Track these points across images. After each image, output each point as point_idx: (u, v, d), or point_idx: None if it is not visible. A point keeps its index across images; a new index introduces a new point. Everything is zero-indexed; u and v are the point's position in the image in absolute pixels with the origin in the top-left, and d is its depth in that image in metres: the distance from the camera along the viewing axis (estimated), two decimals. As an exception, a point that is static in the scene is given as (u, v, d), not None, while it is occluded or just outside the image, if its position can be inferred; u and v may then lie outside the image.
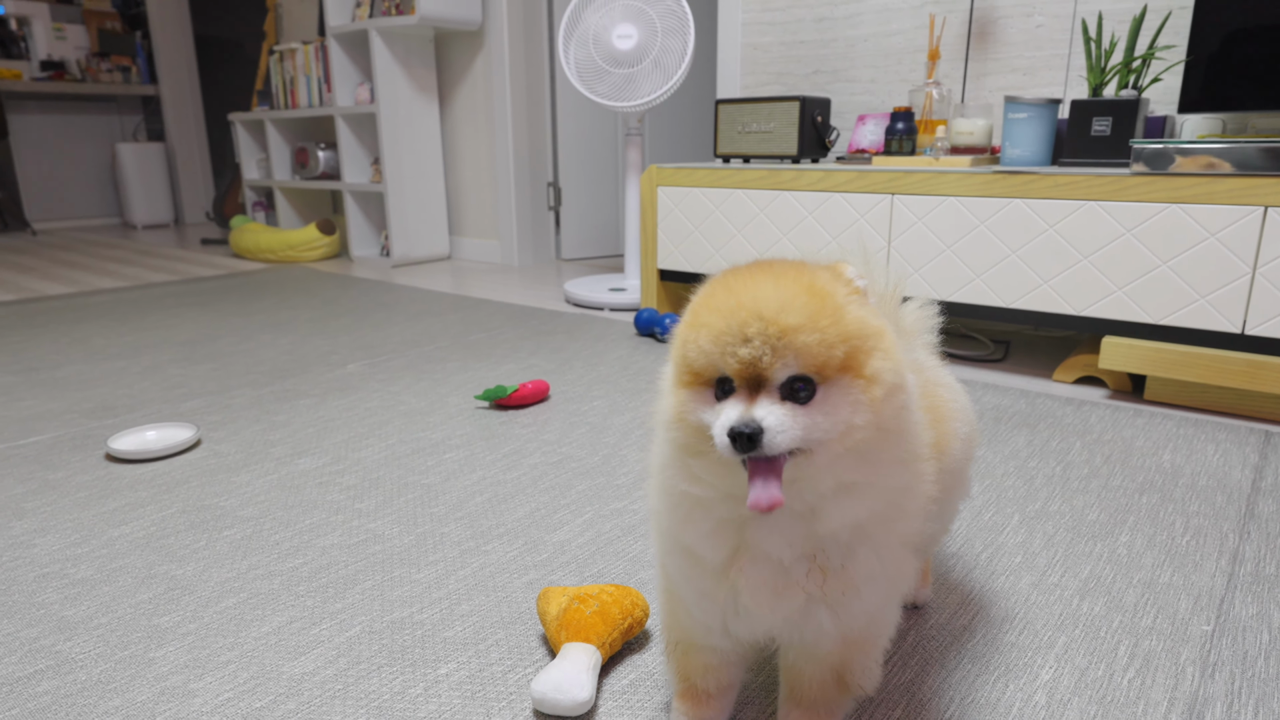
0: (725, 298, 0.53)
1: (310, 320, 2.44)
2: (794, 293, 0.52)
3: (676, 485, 0.59)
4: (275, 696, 0.78)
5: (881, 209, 1.87)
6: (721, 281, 0.56)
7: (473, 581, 0.98)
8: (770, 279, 0.53)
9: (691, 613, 0.64)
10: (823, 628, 0.60)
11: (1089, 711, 0.74)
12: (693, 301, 0.56)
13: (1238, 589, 0.94)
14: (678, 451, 0.57)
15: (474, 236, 3.65)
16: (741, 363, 0.51)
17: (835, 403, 0.52)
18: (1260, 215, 1.42)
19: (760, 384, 0.51)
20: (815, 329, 0.51)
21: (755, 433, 0.49)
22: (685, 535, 0.60)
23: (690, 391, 0.55)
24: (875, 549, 0.59)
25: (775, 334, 0.51)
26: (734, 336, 0.51)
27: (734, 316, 0.52)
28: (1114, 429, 1.45)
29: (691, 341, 0.53)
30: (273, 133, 3.93)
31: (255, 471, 1.31)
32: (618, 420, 1.54)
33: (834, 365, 0.52)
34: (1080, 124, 1.72)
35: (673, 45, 2.35)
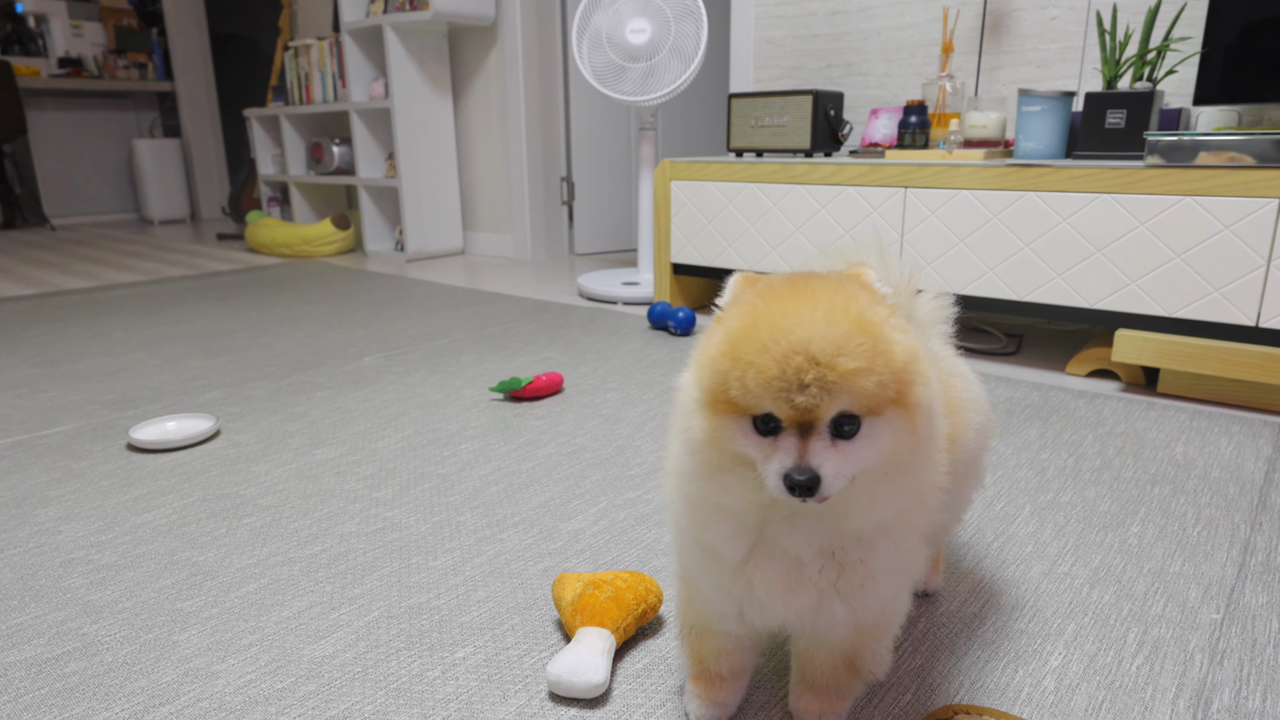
0: (773, 337, 0.51)
1: (326, 314, 2.46)
2: (847, 331, 0.51)
3: (702, 495, 0.58)
4: (296, 678, 0.79)
5: (895, 203, 1.87)
6: (764, 312, 0.53)
7: (489, 568, 1.00)
8: (819, 313, 0.51)
9: (708, 601, 0.66)
10: (835, 618, 0.61)
11: (1097, 697, 0.75)
12: (728, 328, 0.54)
13: (1248, 578, 0.94)
14: (706, 468, 0.56)
15: (487, 231, 3.67)
16: (796, 409, 0.50)
17: (880, 434, 0.52)
18: (1275, 208, 1.41)
19: (810, 424, 0.51)
20: (873, 371, 0.50)
21: (813, 482, 0.50)
22: (705, 536, 0.60)
23: (726, 419, 0.53)
24: (895, 542, 0.60)
25: (833, 380, 0.50)
26: (789, 383, 0.50)
27: (787, 362, 0.50)
28: (1126, 421, 1.45)
29: (736, 380, 0.52)
30: (288, 128, 3.96)
31: (274, 461, 1.34)
32: (631, 412, 1.55)
33: (886, 401, 0.52)
34: (1094, 117, 1.71)
35: (687, 30, 2.35)
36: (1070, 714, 0.73)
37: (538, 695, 0.77)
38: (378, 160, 3.67)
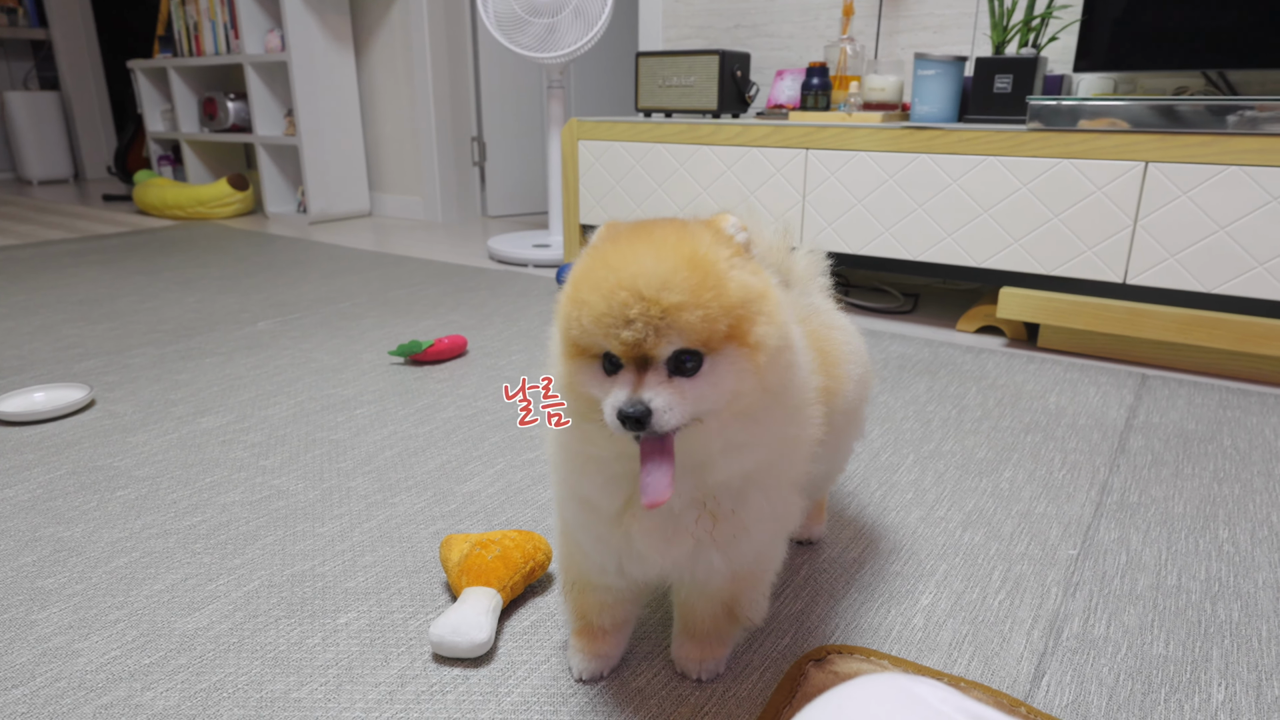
0: (604, 274, 0.52)
1: (220, 278, 2.35)
2: (674, 267, 0.51)
3: (573, 445, 0.59)
4: (166, 652, 0.77)
5: (797, 164, 1.89)
6: (600, 253, 0.54)
7: (378, 533, 0.98)
8: (650, 251, 0.52)
9: (588, 555, 0.66)
10: (713, 567, 0.63)
11: (961, 631, 0.80)
12: (574, 271, 0.55)
13: (1103, 516, 1.01)
14: (573, 417, 0.57)
15: (396, 193, 3.55)
16: (625, 344, 0.51)
17: (722, 373, 0.52)
18: (1141, 170, 1.49)
19: (647, 361, 0.51)
20: (698, 305, 0.50)
21: (643, 414, 0.50)
22: (581, 487, 0.61)
23: (577, 363, 0.54)
24: (764, 492, 0.61)
25: (657, 314, 0.50)
26: (615, 319, 0.50)
27: (614, 297, 0.50)
28: (1008, 374, 1.52)
29: (574, 319, 0.52)
30: (177, 82, 3.73)
31: (153, 431, 1.28)
32: (536, 374, 1.54)
33: (719, 338, 0.51)
34: (984, 81, 1.77)
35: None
36: (936, 648, 0.77)
37: (421, 657, 0.76)
38: (276, 117, 3.49)
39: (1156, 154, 1.48)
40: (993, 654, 0.76)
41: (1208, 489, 1.08)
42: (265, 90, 3.43)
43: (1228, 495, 1.06)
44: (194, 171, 3.87)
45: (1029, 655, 0.76)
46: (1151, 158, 1.48)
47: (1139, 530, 0.98)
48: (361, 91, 3.48)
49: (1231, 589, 0.86)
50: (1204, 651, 0.76)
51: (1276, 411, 1.33)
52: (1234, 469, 1.13)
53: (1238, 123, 1.41)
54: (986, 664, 0.75)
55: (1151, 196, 1.49)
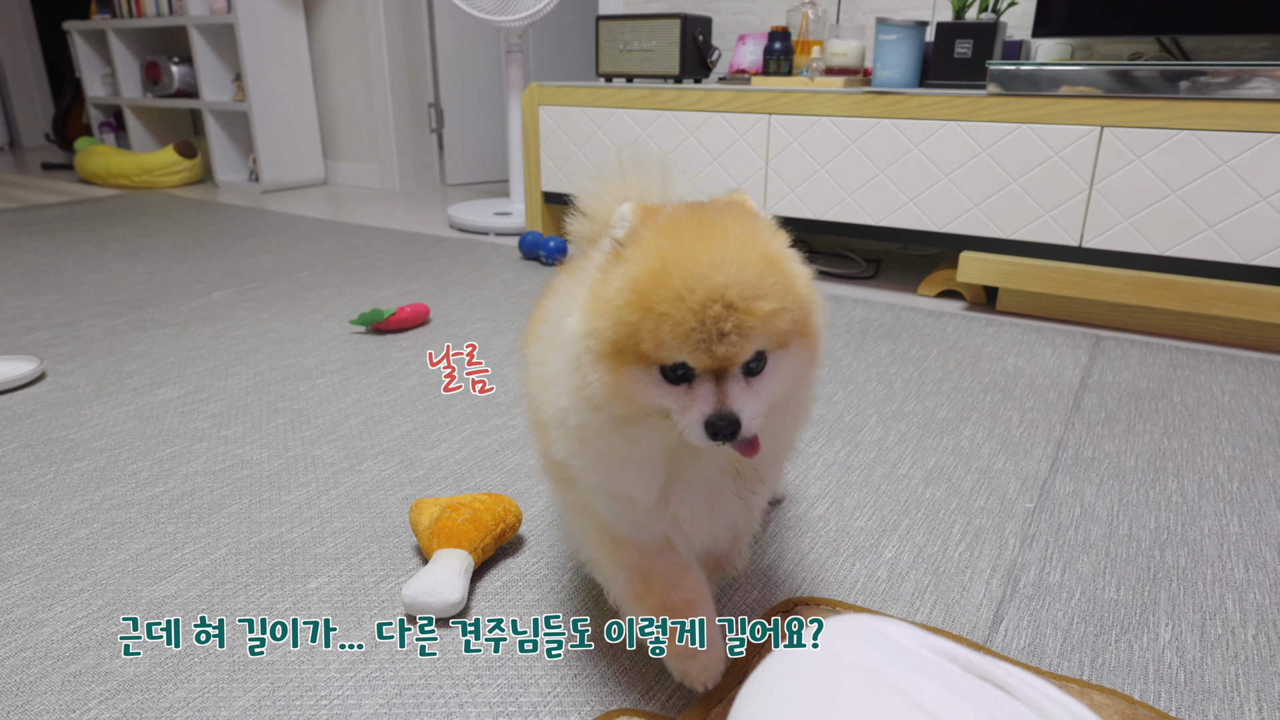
0: (687, 285, 0.48)
1: (171, 248, 2.29)
2: (759, 271, 0.49)
3: (607, 450, 0.55)
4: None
5: (759, 129, 1.89)
6: (672, 256, 0.49)
7: (346, 500, 0.97)
8: (730, 253, 0.48)
9: (630, 535, 0.63)
10: (750, 516, 0.64)
11: (923, 582, 0.82)
12: (632, 274, 0.49)
13: (1059, 471, 1.04)
14: (611, 423, 0.53)
15: (351, 161, 3.47)
16: (716, 359, 0.48)
17: (785, 366, 0.52)
18: (1097, 135, 1.52)
19: (724, 370, 0.49)
20: (786, 310, 0.49)
21: (735, 426, 0.49)
22: (618, 485, 0.58)
23: (634, 370, 0.50)
24: (781, 450, 0.62)
25: (752, 325, 0.48)
26: (708, 334, 0.48)
27: (705, 311, 0.47)
28: (968, 337, 1.55)
29: (648, 333, 0.48)
30: (117, 44, 3.58)
31: (109, 403, 1.24)
32: (500, 341, 1.53)
33: (793, 336, 0.51)
34: (944, 46, 1.78)
35: (551, -44, 2.26)
36: (899, 598, 0.79)
37: (394, 618, 0.76)
38: (224, 82, 3.38)
39: (1112, 119, 1.50)
40: (953, 602, 0.79)
41: (1158, 444, 1.12)
42: (212, 54, 3.31)
43: (1177, 449, 1.10)
44: (138, 139, 3.74)
45: (988, 602, 0.79)
46: (1107, 122, 1.51)
47: (1093, 483, 1.01)
48: (313, 56, 3.38)
49: (1179, 537, 0.90)
50: (1152, 595, 0.80)
51: (1224, 370, 1.38)
52: (1183, 424, 1.18)
53: (1190, 88, 1.44)
54: (948, 612, 0.77)
55: (1107, 161, 1.53)
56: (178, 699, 0.67)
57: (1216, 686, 0.68)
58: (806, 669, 0.40)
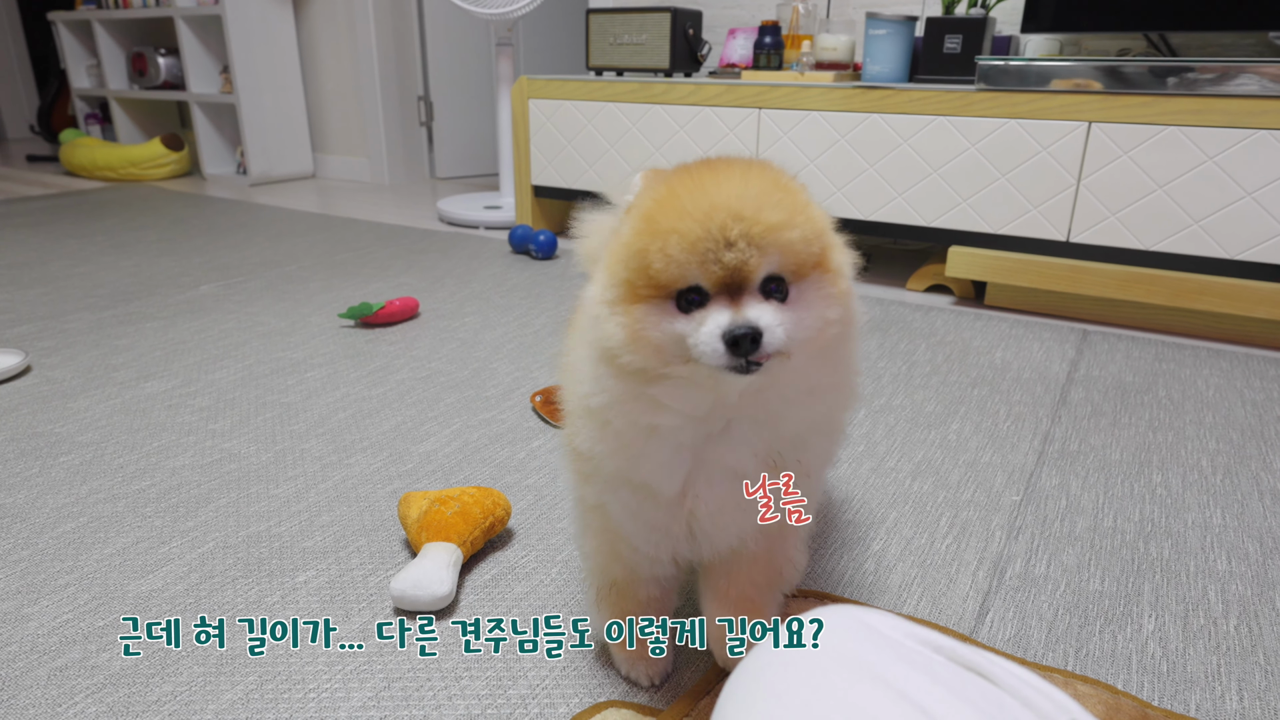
0: (693, 199, 0.48)
1: (158, 241, 2.27)
2: (767, 188, 0.48)
3: (632, 419, 0.53)
4: (120, 614, 0.75)
5: (749, 123, 1.89)
6: (678, 181, 0.50)
7: (334, 494, 0.97)
8: (736, 175, 0.49)
9: (638, 549, 0.61)
10: (779, 525, 0.59)
11: (910, 574, 0.82)
12: (641, 208, 0.50)
13: (1045, 464, 1.05)
14: (630, 381, 0.51)
15: (340, 153, 3.45)
16: (726, 268, 0.47)
17: (810, 299, 0.50)
18: (1085, 130, 1.53)
19: (739, 288, 0.48)
20: (795, 225, 0.48)
21: (756, 333, 0.46)
22: (640, 471, 0.55)
23: (647, 306, 0.49)
24: (826, 436, 0.59)
25: (759, 233, 0.47)
26: (715, 241, 0.47)
27: (711, 219, 0.47)
28: (956, 331, 1.56)
29: (656, 251, 0.48)
30: (103, 35, 3.54)
31: (95, 397, 1.24)
32: (489, 335, 1.53)
33: (810, 262, 0.49)
34: (934, 41, 1.78)
35: (541, -52, 2.25)
36: (886, 590, 0.80)
37: (383, 611, 0.76)
38: (211, 74, 3.35)
39: (1099, 114, 1.51)
40: (940, 594, 0.79)
41: (1143, 437, 1.13)
42: (199, 45, 3.29)
43: (1161, 443, 1.11)
44: (124, 131, 3.70)
45: (974, 594, 0.79)
46: (1095, 118, 1.52)
47: (1078, 476, 1.02)
48: (301, 48, 3.36)
49: (1163, 529, 0.90)
50: (1136, 586, 0.80)
51: (1209, 364, 1.40)
52: (1168, 418, 1.19)
53: (1177, 84, 1.45)
54: (934, 604, 0.78)
55: (1094, 156, 1.53)
56: (165, 692, 0.66)
57: (1199, 676, 0.69)
58: (792, 660, 0.40)
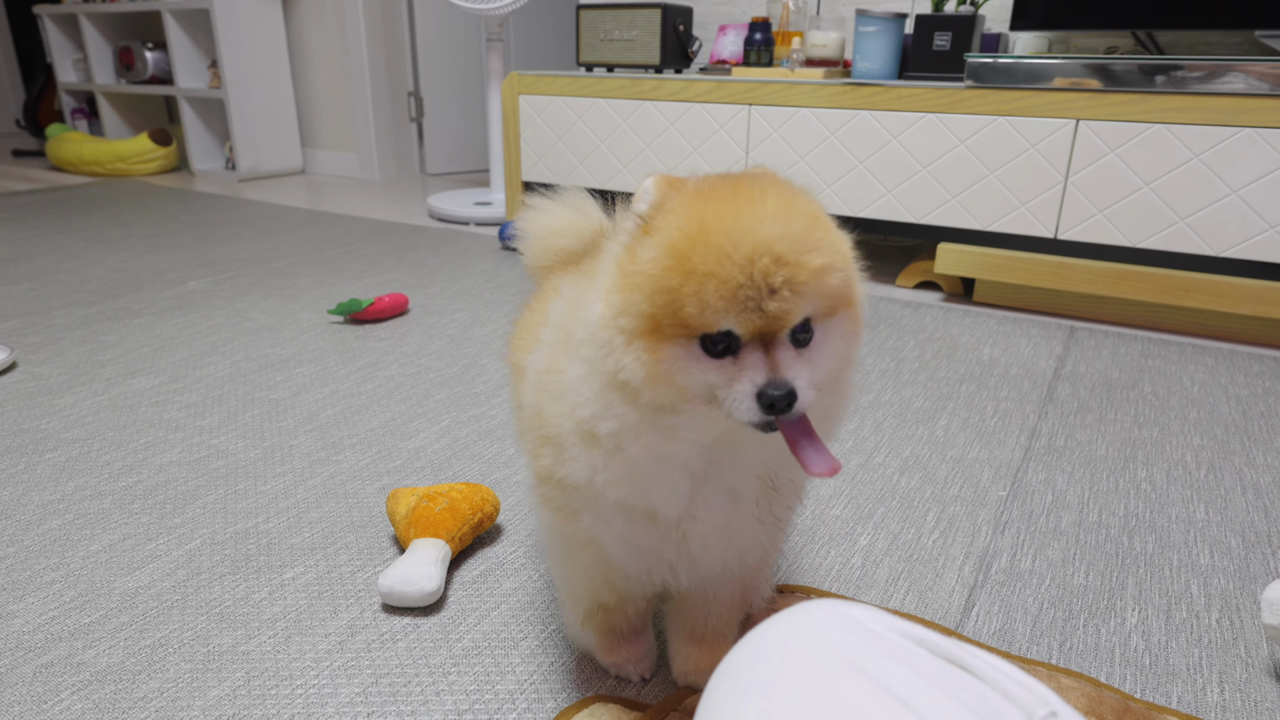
0: (729, 238, 0.44)
1: (145, 237, 2.26)
2: (806, 226, 0.45)
3: (645, 448, 0.50)
4: (106, 611, 0.75)
5: (740, 120, 1.89)
6: (709, 211, 0.45)
7: (323, 490, 0.97)
8: (773, 209, 0.45)
9: (630, 575, 0.59)
10: (762, 549, 0.58)
11: (897, 569, 0.83)
12: (668, 239, 0.45)
13: (1031, 459, 1.06)
14: (651, 413, 0.48)
15: (330, 149, 3.44)
16: (768, 317, 0.44)
17: (833, 339, 0.47)
18: (1073, 128, 1.53)
19: (772, 336, 0.45)
20: (835, 268, 0.45)
21: (791, 397, 0.44)
22: (647, 498, 0.52)
23: (672, 347, 0.45)
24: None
25: (804, 281, 0.44)
26: (758, 289, 0.43)
27: (753, 264, 0.43)
28: (944, 328, 1.57)
29: (690, 294, 0.44)
30: (89, 29, 3.51)
31: (81, 393, 1.23)
32: (479, 331, 1.52)
33: (841, 304, 0.47)
34: (923, 38, 1.78)
35: (531, -56, 2.24)
36: (873, 585, 0.80)
37: (370, 608, 0.76)
38: (199, 68, 3.33)
39: (1087, 112, 1.52)
40: (926, 589, 0.80)
41: (1128, 432, 1.14)
42: (186, 40, 3.27)
43: (1147, 438, 1.12)
44: (111, 125, 3.68)
45: (960, 589, 0.80)
46: (1082, 115, 1.52)
47: (1064, 471, 1.03)
48: (291, 42, 3.34)
49: (1147, 524, 0.91)
50: (1120, 580, 0.81)
51: (1194, 360, 1.41)
52: (1153, 414, 1.20)
53: (1164, 82, 1.46)
54: (921, 598, 0.78)
55: (1082, 154, 1.54)
56: (151, 689, 0.66)
57: (1180, 669, 0.70)
58: (776, 653, 0.40)
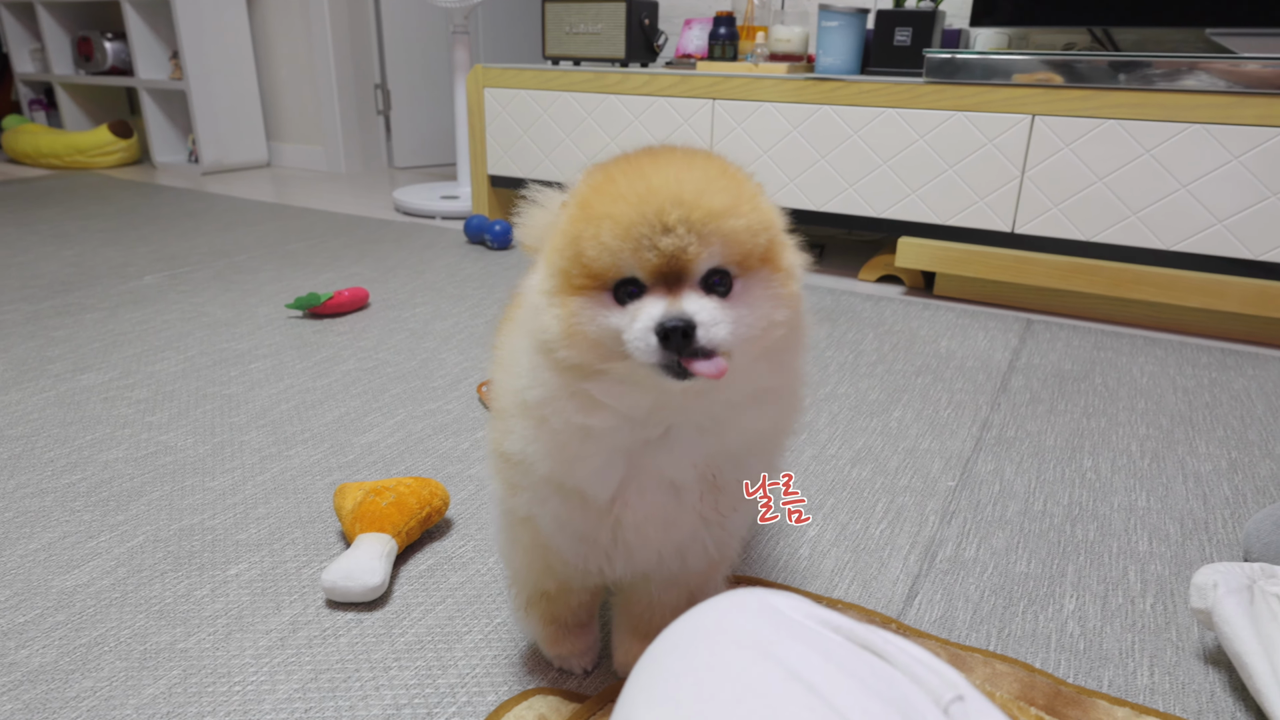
0: (630, 183, 0.45)
1: (102, 231, 2.21)
2: (711, 174, 0.46)
3: (566, 419, 0.49)
4: (42, 610, 0.74)
5: (704, 114, 1.89)
6: (617, 167, 0.47)
7: (272, 486, 0.96)
8: (678, 160, 0.46)
9: (567, 561, 0.58)
10: (705, 549, 0.57)
11: (844, 559, 0.84)
12: (579, 194, 0.47)
13: (982, 450, 1.07)
14: (567, 377, 0.48)
15: (295, 142, 3.39)
16: (663, 255, 0.44)
17: (756, 296, 0.47)
18: (1029, 123, 1.55)
19: (678, 279, 0.44)
20: (740, 214, 0.45)
21: (690, 327, 0.43)
22: (573, 475, 0.52)
23: (583, 299, 0.46)
24: (764, 460, 0.56)
25: (700, 219, 0.44)
26: (651, 226, 0.44)
27: (648, 203, 0.44)
28: (904, 321, 1.58)
29: (590, 238, 0.44)
30: (46, 18, 3.44)
31: (27, 389, 1.21)
32: (439, 325, 1.51)
33: (756, 256, 0.46)
34: (884, 33, 1.80)
35: (495, -65, 2.23)
36: (819, 575, 0.81)
37: (314, 603, 0.76)
38: (161, 59, 3.27)
39: (1042, 107, 1.54)
40: (871, 578, 0.81)
41: (1078, 423, 1.15)
42: (147, 30, 3.20)
43: (1095, 428, 1.14)
44: (70, 117, 3.60)
45: (904, 578, 0.81)
46: (1038, 111, 1.54)
47: (1013, 462, 1.04)
48: (254, 33, 3.29)
49: (1090, 512, 0.93)
50: (1060, 568, 0.82)
51: (1145, 352, 1.43)
52: (1102, 404, 1.22)
53: (1117, 78, 1.48)
54: (865, 587, 0.79)
55: (1038, 149, 1.56)
56: (85, 688, 0.65)
57: (1113, 653, 0.71)
58: (692, 642, 0.41)
